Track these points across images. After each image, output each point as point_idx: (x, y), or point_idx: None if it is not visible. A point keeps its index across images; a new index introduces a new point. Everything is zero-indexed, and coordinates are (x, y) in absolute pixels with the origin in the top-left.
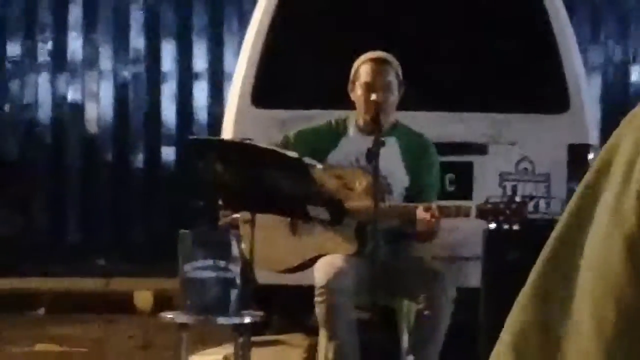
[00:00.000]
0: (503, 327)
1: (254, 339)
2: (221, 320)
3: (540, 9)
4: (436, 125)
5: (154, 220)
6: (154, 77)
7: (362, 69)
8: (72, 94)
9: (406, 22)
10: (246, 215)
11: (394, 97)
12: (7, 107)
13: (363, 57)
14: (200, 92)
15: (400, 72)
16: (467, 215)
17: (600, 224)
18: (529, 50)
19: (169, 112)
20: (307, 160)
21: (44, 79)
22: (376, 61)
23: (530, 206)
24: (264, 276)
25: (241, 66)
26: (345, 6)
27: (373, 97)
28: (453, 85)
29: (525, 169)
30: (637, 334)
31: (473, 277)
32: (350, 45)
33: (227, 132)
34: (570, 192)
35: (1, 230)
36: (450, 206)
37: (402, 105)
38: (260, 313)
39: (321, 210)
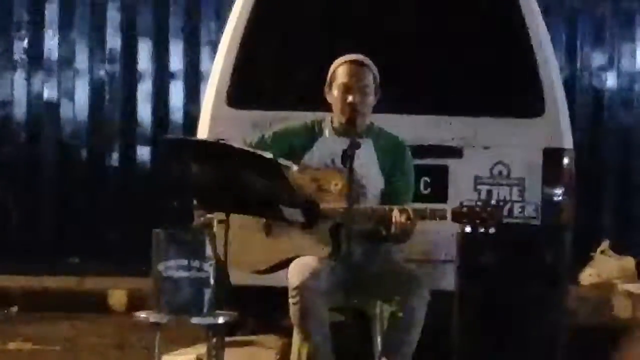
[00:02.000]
0: (476, 329)
1: (227, 339)
2: (195, 320)
3: (516, 12)
4: (411, 128)
5: (128, 219)
6: (130, 76)
7: (339, 70)
8: (48, 93)
9: (382, 25)
10: (220, 215)
11: (371, 99)
12: None
13: (341, 59)
14: (176, 92)
15: (377, 75)
16: (442, 218)
17: None
18: (505, 54)
19: (144, 111)
20: (282, 161)
21: (19, 76)
22: (354, 63)
23: (505, 210)
24: (237, 277)
25: (217, 67)
26: (322, 9)
27: (350, 99)
28: (429, 89)
29: (500, 172)
30: None
31: (447, 279)
32: (326, 47)
33: (203, 132)
34: (545, 196)
35: None
36: (426, 209)
37: (378, 108)
38: (234, 313)
39: (295, 211)
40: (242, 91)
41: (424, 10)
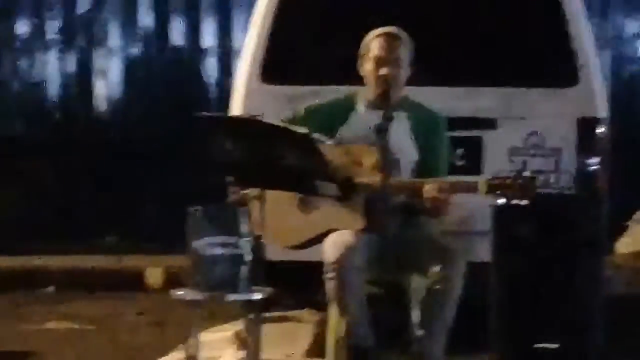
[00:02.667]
0: (512, 301)
1: (264, 315)
2: (231, 296)
3: None
4: (445, 100)
5: (163, 197)
6: (163, 54)
7: (373, 43)
8: (81, 72)
9: None
10: (255, 191)
11: (404, 72)
12: (16, 85)
13: (374, 32)
14: (209, 68)
15: (411, 48)
16: (475, 191)
17: None
18: (538, 24)
19: (178, 88)
20: (316, 136)
21: (52, 56)
22: (387, 36)
23: (540, 181)
24: (273, 252)
25: (250, 42)
26: None
27: (383, 71)
28: (462, 60)
29: (535, 143)
30: None
31: (483, 251)
32: (359, 20)
33: (236, 108)
34: (580, 166)
35: (12, 208)
36: (459, 181)
37: (412, 81)
38: (270, 289)
39: (330, 186)
40: (275, 66)
41: None
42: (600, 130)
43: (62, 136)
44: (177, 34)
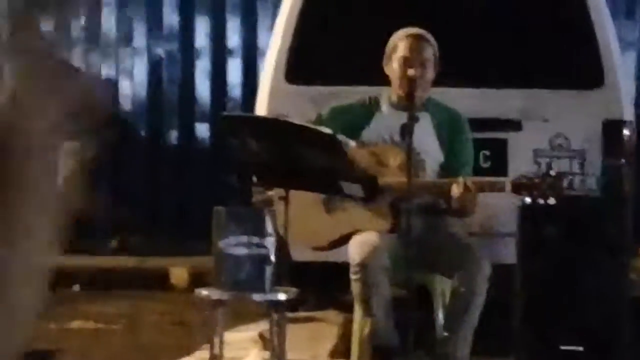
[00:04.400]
0: (538, 303)
1: (289, 315)
2: (256, 296)
3: None
4: (470, 102)
5: (188, 197)
6: (188, 53)
7: (399, 44)
8: (106, 71)
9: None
10: (280, 191)
11: (430, 73)
12: None
13: (401, 33)
14: (234, 69)
15: (437, 50)
16: (501, 190)
17: None
18: (563, 25)
19: (202, 88)
20: (341, 136)
21: (77, 55)
22: (414, 37)
23: (565, 182)
24: (298, 253)
25: (275, 42)
26: None
27: (410, 72)
28: (487, 62)
29: (560, 145)
30: None
31: (508, 253)
32: (384, 21)
33: (261, 108)
34: (605, 168)
35: None
36: (484, 181)
37: (437, 82)
38: (295, 290)
39: (355, 186)
40: (300, 67)
41: None
42: (626, 132)
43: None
44: (202, 33)
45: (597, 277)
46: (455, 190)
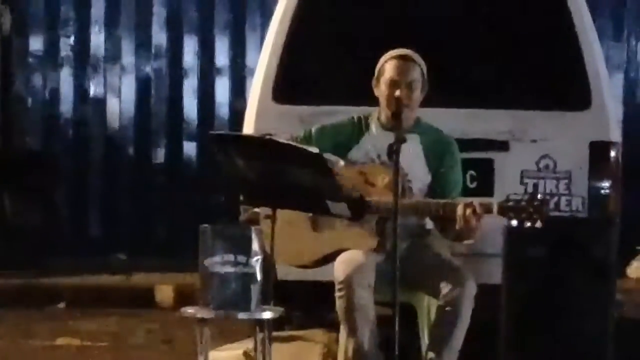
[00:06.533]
0: (523, 324)
1: (274, 334)
2: (242, 315)
3: (562, 6)
4: (457, 122)
5: (175, 215)
6: (176, 72)
7: (387, 65)
8: (94, 89)
9: (429, 20)
10: (267, 210)
11: (418, 94)
12: (29, 102)
13: (389, 54)
14: (222, 88)
15: (425, 71)
16: (488, 211)
17: None
18: (551, 47)
19: (190, 107)
20: (328, 156)
21: (66, 73)
22: (402, 58)
23: (551, 204)
24: (284, 271)
25: (263, 62)
26: (368, 3)
27: (397, 93)
28: (474, 82)
29: (547, 166)
30: None
31: (494, 273)
32: (372, 42)
33: (249, 127)
34: (591, 189)
35: (23, 224)
36: (472, 202)
37: (424, 102)
38: (281, 308)
39: (341, 206)
40: (288, 86)
41: (470, 5)
42: (613, 154)
43: (75, 153)
44: (190, 52)
45: (583, 298)
46: (461, 211)
